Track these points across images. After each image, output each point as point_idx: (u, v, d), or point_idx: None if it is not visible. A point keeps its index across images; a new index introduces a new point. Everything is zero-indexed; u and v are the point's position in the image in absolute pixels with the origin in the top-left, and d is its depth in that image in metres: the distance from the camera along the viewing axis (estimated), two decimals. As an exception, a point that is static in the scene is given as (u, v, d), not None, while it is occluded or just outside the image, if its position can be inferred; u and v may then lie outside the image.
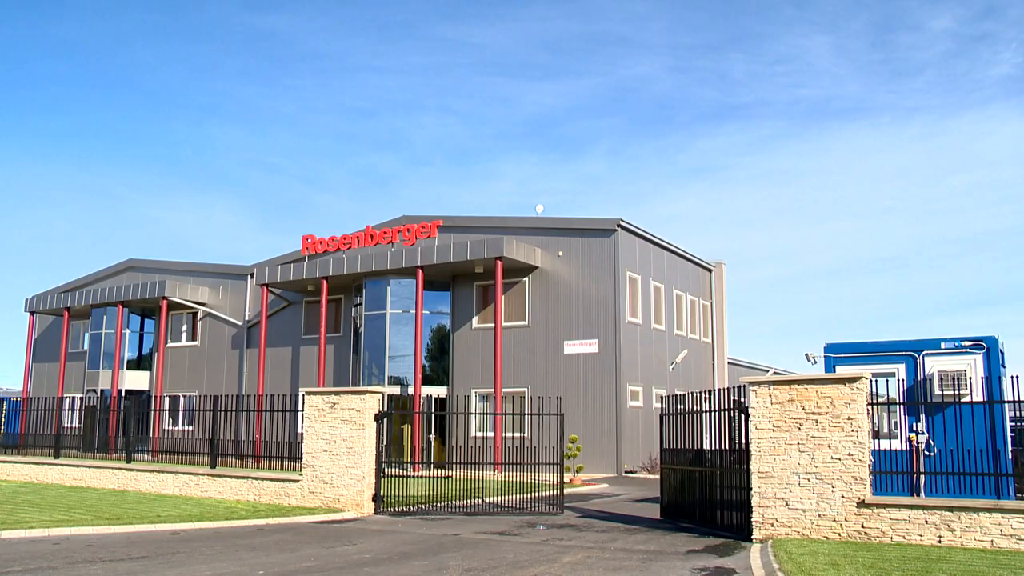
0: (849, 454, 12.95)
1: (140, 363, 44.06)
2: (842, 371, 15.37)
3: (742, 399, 14.41)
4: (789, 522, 13.24)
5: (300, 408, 19.44)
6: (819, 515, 13.04)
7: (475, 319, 34.55)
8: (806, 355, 22.70)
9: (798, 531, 13.13)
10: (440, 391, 34.15)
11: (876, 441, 14.57)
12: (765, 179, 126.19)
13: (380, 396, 18.46)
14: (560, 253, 33.12)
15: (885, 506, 12.67)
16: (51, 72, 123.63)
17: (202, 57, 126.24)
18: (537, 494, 18.61)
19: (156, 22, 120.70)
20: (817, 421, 13.24)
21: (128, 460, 23.21)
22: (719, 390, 15.29)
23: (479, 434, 31.63)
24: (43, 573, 10.84)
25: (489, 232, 33.94)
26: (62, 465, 24.35)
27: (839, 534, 12.84)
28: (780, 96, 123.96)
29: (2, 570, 11.07)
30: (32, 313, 47.54)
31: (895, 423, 16.17)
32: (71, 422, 36.71)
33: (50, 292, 47.44)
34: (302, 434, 19.04)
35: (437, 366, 34.58)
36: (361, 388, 18.52)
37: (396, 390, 33.15)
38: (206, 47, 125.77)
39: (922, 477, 14.59)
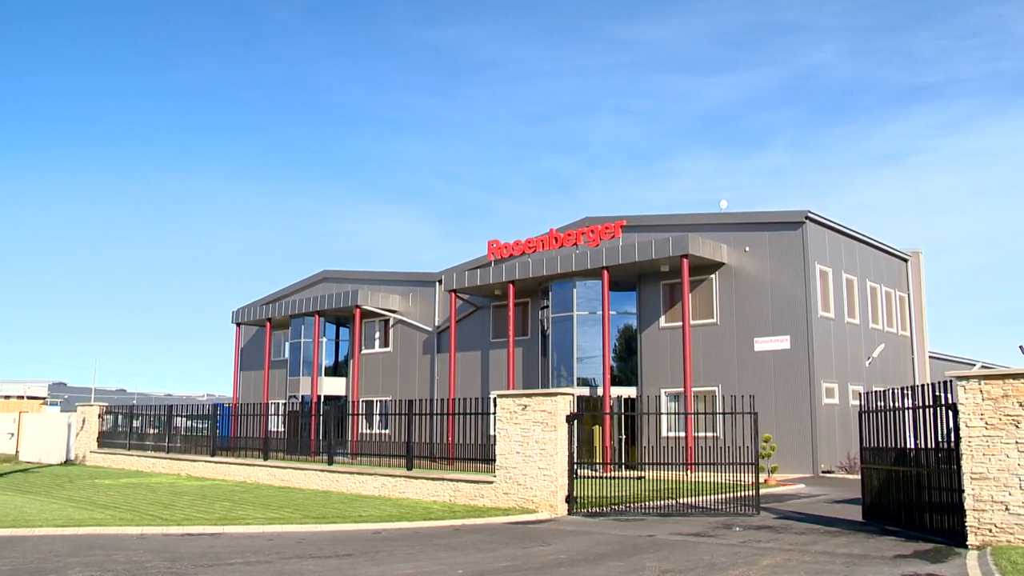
0: (1076, 453, 11.99)
1: (336, 370, 45.93)
2: (1062, 364, 14.25)
3: (949, 395, 13.63)
4: (1010, 528, 12.36)
5: (492, 411, 19.78)
6: (1044, 520, 12.12)
7: (662, 318, 34.21)
8: (1020, 347, 21.31)
9: (1021, 539, 12.23)
10: (629, 391, 34.00)
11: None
12: (962, 161, 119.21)
13: (570, 398, 18.54)
14: (747, 248, 32.34)
15: (1121, 511, 11.63)
16: (245, 100, 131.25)
17: (381, 73, 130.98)
18: (731, 495, 18.23)
19: (335, 43, 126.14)
20: (1037, 418, 12.33)
21: (330, 462, 24.28)
22: (923, 386, 14.52)
23: (670, 434, 31.26)
24: (262, 566, 11.50)
25: (673, 230, 33.54)
26: (270, 467, 25.77)
27: (1068, 541, 11.89)
28: (974, 71, 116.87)
29: (227, 561, 11.83)
30: (238, 324, 50.55)
31: None
32: (276, 426, 38.81)
33: (253, 304, 50.24)
34: (494, 436, 19.34)
35: (625, 366, 34.44)
36: (551, 390, 18.65)
37: (585, 391, 33.24)
38: (384, 63, 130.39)
39: None
